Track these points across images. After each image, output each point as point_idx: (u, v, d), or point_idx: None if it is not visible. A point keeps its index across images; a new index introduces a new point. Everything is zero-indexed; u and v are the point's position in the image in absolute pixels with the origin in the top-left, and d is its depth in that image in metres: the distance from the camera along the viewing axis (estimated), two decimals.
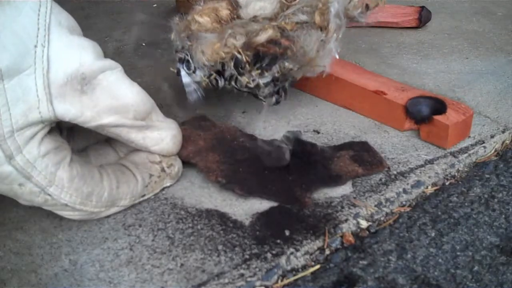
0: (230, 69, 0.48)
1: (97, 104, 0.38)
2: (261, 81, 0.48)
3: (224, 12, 0.51)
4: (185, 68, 0.49)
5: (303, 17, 0.49)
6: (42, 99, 0.35)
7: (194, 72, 0.49)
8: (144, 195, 0.45)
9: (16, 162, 0.35)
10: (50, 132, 0.38)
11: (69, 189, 0.38)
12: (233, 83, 0.49)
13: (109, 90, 0.38)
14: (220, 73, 0.49)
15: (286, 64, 0.48)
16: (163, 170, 0.45)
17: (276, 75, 0.49)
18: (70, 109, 0.37)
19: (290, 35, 0.48)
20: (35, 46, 0.35)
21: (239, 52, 0.47)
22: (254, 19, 0.49)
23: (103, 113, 0.38)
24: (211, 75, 0.49)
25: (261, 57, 0.48)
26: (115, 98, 0.39)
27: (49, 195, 0.38)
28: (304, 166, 0.47)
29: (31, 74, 0.35)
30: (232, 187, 0.45)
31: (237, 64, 0.48)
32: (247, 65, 0.47)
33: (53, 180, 0.38)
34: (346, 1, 0.50)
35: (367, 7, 0.53)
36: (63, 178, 0.38)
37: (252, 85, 0.48)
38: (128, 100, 0.39)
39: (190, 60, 0.49)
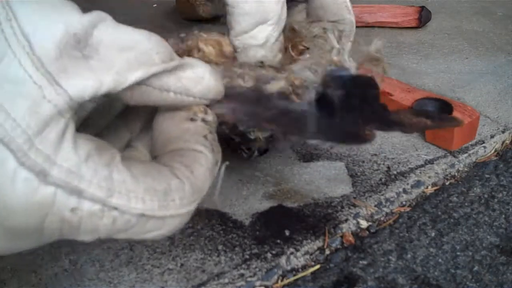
0: None
1: (112, 64, 0.28)
2: (261, 135, 0.42)
3: (228, 49, 0.47)
4: None
5: (311, 76, 0.45)
6: (43, 85, 0.26)
7: None
8: (217, 161, 0.33)
9: (55, 177, 0.26)
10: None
11: (137, 192, 0.28)
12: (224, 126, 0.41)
13: (116, 44, 0.29)
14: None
15: None
16: (204, 120, 0.34)
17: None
18: (85, 83, 0.27)
19: (300, 92, 0.42)
20: None
21: None
22: (261, 64, 0.43)
23: (125, 71, 0.29)
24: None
25: None
26: (128, 48, 0.29)
27: (115, 208, 0.28)
28: (359, 104, 0.40)
29: (11, 60, 0.26)
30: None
31: None
32: None
33: (112, 187, 0.28)
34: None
35: None
36: (124, 180, 0.28)
37: (252, 136, 0.42)
38: (144, 44, 0.30)
39: None
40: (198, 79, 0.32)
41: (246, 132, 0.42)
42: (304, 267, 0.41)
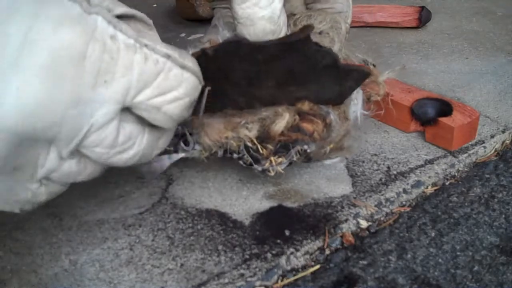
0: (240, 152, 0.43)
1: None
2: (279, 168, 0.44)
3: None
4: (182, 144, 0.43)
5: None
6: None
7: (193, 148, 0.43)
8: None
9: (94, 10, 0.29)
10: None
11: (159, 44, 0.32)
12: (241, 162, 0.44)
13: None
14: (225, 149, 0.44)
15: (306, 147, 0.43)
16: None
17: (294, 159, 0.43)
18: None
19: (310, 115, 0.43)
20: None
21: (253, 143, 0.42)
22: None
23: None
24: (212, 150, 0.43)
25: (281, 145, 0.43)
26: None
27: (145, 45, 0.31)
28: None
29: None
30: None
31: (250, 152, 0.43)
32: (263, 153, 0.43)
33: (140, 35, 0.31)
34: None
35: (368, 99, 0.49)
36: (146, 37, 0.32)
37: (271, 174, 0.44)
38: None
39: (188, 135, 0.42)
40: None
41: (264, 170, 0.44)
42: (304, 267, 0.41)
